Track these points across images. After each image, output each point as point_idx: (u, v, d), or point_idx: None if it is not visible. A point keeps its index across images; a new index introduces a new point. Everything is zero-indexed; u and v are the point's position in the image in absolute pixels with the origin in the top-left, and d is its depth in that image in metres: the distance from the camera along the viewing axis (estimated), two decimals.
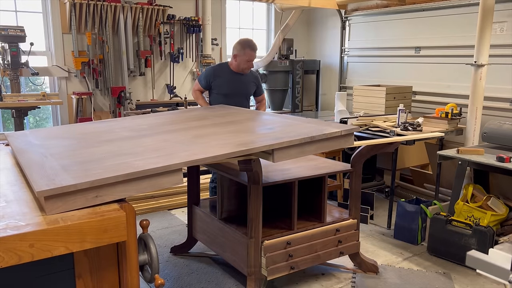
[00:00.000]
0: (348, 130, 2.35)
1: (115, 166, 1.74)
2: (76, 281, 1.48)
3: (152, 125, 2.76)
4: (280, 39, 6.24)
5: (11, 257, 1.26)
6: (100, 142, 2.28)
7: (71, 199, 1.52)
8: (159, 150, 2.01)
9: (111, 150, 2.05)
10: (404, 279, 3.06)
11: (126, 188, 1.64)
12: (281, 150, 2.11)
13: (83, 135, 2.49)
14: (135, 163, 1.77)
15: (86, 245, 1.39)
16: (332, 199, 4.59)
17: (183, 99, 5.38)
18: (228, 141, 2.20)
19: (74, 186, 1.52)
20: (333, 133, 2.27)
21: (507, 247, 2.50)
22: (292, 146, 2.14)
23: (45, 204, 1.47)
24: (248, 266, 2.66)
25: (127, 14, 5.19)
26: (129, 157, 1.88)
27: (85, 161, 1.87)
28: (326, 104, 6.78)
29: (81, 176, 1.60)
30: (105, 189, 1.58)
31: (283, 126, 2.51)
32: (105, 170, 1.68)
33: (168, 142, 2.21)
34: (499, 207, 3.45)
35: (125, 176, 1.62)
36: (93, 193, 1.56)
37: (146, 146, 2.11)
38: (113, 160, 1.85)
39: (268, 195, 2.91)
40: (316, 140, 2.21)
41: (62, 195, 1.50)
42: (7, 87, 4.70)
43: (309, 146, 2.21)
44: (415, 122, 3.98)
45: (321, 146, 2.25)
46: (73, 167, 1.75)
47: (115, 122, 2.97)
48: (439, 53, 5.04)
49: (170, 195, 4.49)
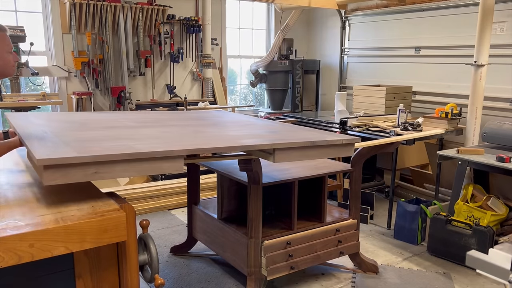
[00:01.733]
0: (349, 140, 2.39)
1: (116, 147, 1.75)
2: (76, 281, 1.48)
3: (156, 119, 2.82)
4: (280, 39, 6.24)
5: (11, 257, 1.26)
6: (102, 128, 2.32)
7: (70, 171, 1.52)
8: (160, 138, 2.04)
9: (111, 135, 2.08)
10: (404, 279, 3.06)
11: (126, 168, 1.64)
12: (282, 151, 2.14)
13: (85, 121, 2.55)
14: (136, 146, 1.78)
15: (86, 245, 1.39)
16: (332, 199, 4.59)
17: (183, 99, 5.38)
18: (230, 137, 2.24)
19: (75, 158, 1.52)
20: (334, 140, 2.33)
21: (507, 247, 2.50)
22: (293, 148, 2.18)
23: (44, 173, 1.47)
24: (248, 266, 2.66)
25: (127, 14, 5.19)
26: (129, 141, 1.90)
27: (85, 139, 1.90)
28: (326, 104, 6.78)
29: (82, 151, 1.61)
30: (105, 166, 1.59)
31: (286, 131, 2.56)
32: (105, 149, 1.69)
33: (169, 133, 2.24)
34: (499, 207, 3.45)
35: (127, 155, 1.63)
36: (93, 169, 1.56)
37: (146, 134, 2.15)
38: (113, 142, 1.87)
39: (268, 195, 2.91)
40: (317, 146, 2.26)
41: (62, 166, 1.50)
42: (7, 87, 4.70)
43: (310, 150, 2.25)
44: (415, 122, 3.98)
45: (321, 152, 2.30)
46: (73, 143, 1.77)
47: (119, 114, 3.03)
48: (439, 53, 5.04)
49: (170, 195, 4.49)
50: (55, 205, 1.54)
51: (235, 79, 6.91)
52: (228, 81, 6.55)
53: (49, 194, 1.67)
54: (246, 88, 7.12)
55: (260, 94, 7.26)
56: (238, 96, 7.07)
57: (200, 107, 5.43)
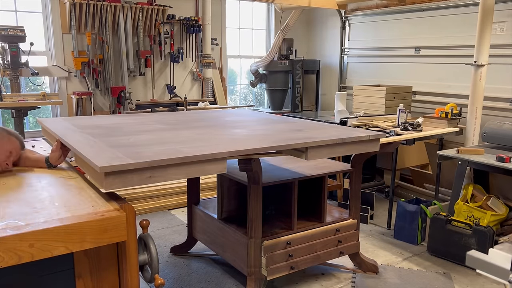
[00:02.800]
0: (375, 136, 2.50)
1: (165, 151, 1.85)
2: (76, 281, 1.48)
3: (181, 120, 2.91)
4: (280, 39, 6.25)
5: (11, 257, 1.26)
6: (138, 132, 2.41)
7: (128, 177, 1.62)
8: (201, 141, 2.14)
9: (153, 138, 2.18)
10: (404, 279, 3.06)
11: (176, 171, 1.75)
12: (314, 149, 2.23)
13: (114, 125, 2.63)
14: (183, 149, 1.89)
15: (86, 245, 1.39)
16: (332, 199, 4.59)
17: (183, 99, 5.38)
18: (263, 138, 2.32)
19: (133, 164, 1.62)
20: (362, 137, 2.43)
21: (507, 247, 2.50)
22: (324, 146, 2.27)
23: (104, 180, 1.57)
24: (248, 266, 2.66)
25: (127, 14, 5.19)
26: (174, 145, 1.99)
27: (130, 145, 1.98)
28: (326, 104, 6.78)
29: (135, 157, 1.70)
30: (159, 171, 1.70)
31: (309, 128, 2.65)
32: (156, 153, 1.79)
33: (204, 135, 2.34)
34: (499, 207, 3.45)
35: (179, 159, 1.74)
36: (148, 173, 1.67)
37: (186, 136, 2.25)
38: (159, 146, 1.96)
39: (268, 195, 2.91)
40: (346, 142, 2.36)
41: (121, 172, 1.60)
42: (7, 87, 4.70)
43: (339, 147, 2.35)
44: (415, 122, 3.98)
45: (350, 148, 2.40)
46: (122, 149, 1.85)
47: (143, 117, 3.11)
48: (439, 53, 5.04)
49: (170, 195, 4.49)
50: (55, 205, 1.54)
51: (235, 79, 6.91)
52: (228, 81, 6.55)
53: (49, 194, 1.67)
54: (246, 88, 7.13)
55: (260, 94, 7.26)
56: (238, 96, 7.07)
57: (200, 107, 5.43)
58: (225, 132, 2.49)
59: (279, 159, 3.20)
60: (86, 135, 2.19)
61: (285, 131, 2.54)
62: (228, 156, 1.91)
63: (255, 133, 2.49)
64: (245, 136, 2.36)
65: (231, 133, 2.45)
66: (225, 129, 2.58)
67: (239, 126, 2.73)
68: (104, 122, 2.73)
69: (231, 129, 2.60)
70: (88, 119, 2.91)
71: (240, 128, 2.65)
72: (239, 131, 2.55)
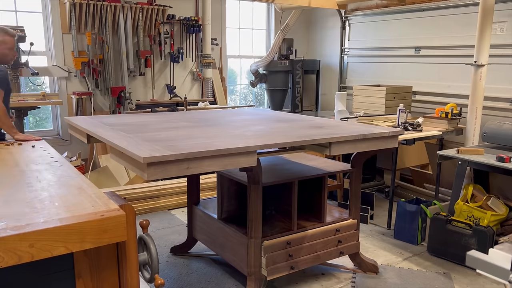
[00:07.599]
0: (395, 132, 2.58)
1: (199, 144, 1.98)
2: (76, 281, 1.48)
3: (203, 119, 3.03)
4: (280, 39, 6.25)
5: (11, 257, 1.26)
6: (165, 128, 2.53)
7: (167, 167, 1.74)
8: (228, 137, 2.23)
9: (182, 134, 2.30)
10: (404, 279, 3.06)
11: (211, 163, 1.88)
12: (337, 144, 2.33)
13: (141, 123, 2.75)
14: (216, 143, 2.02)
15: (86, 245, 1.39)
16: (332, 199, 4.59)
17: (183, 99, 5.38)
18: (287, 134, 2.42)
19: (172, 156, 1.75)
20: (382, 133, 2.52)
21: (507, 247, 2.50)
22: (346, 141, 2.37)
23: (147, 170, 1.70)
24: (248, 266, 2.66)
25: (127, 14, 5.19)
26: (205, 139, 2.11)
27: (163, 139, 2.09)
28: (326, 104, 6.78)
29: (173, 150, 1.81)
30: (196, 162, 1.83)
31: (329, 125, 2.74)
32: (191, 146, 1.90)
33: (229, 131, 2.44)
34: (499, 207, 3.45)
35: (213, 152, 1.88)
36: (186, 165, 1.80)
37: (213, 133, 2.40)
38: (191, 140, 2.08)
39: (268, 195, 2.91)
40: (367, 138, 2.45)
41: (161, 163, 1.73)
42: None
43: (361, 143, 2.44)
44: (415, 122, 3.98)
45: (370, 144, 2.49)
46: (158, 143, 1.97)
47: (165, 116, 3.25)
48: (439, 53, 5.04)
49: (170, 195, 4.49)
50: (55, 205, 1.54)
51: (235, 79, 6.91)
52: (228, 81, 6.55)
53: (49, 194, 1.67)
54: (246, 88, 7.13)
55: (260, 94, 7.26)
56: (238, 96, 7.07)
57: (200, 107, 5.43)
58: (246, 129, 2.59)
59: (279, 159, 3.20)
60: (118, 131, 2.29)
61: (305, 127, 2.63)
62: (257, 149, 2.03)
63: (274, 130, 2.58)
64: (267, 132, 2.46)
65: (254, 130, 2.55)
66: (244, 127, 2.67)
67: (257, 123, 2.84)
68: (130, 120, 2.86)
69: (251, 127, 2.70)
70: (114, 118, 3.06)
71: (259, 125, 2.76)
72: (259, 127, 2.66)
